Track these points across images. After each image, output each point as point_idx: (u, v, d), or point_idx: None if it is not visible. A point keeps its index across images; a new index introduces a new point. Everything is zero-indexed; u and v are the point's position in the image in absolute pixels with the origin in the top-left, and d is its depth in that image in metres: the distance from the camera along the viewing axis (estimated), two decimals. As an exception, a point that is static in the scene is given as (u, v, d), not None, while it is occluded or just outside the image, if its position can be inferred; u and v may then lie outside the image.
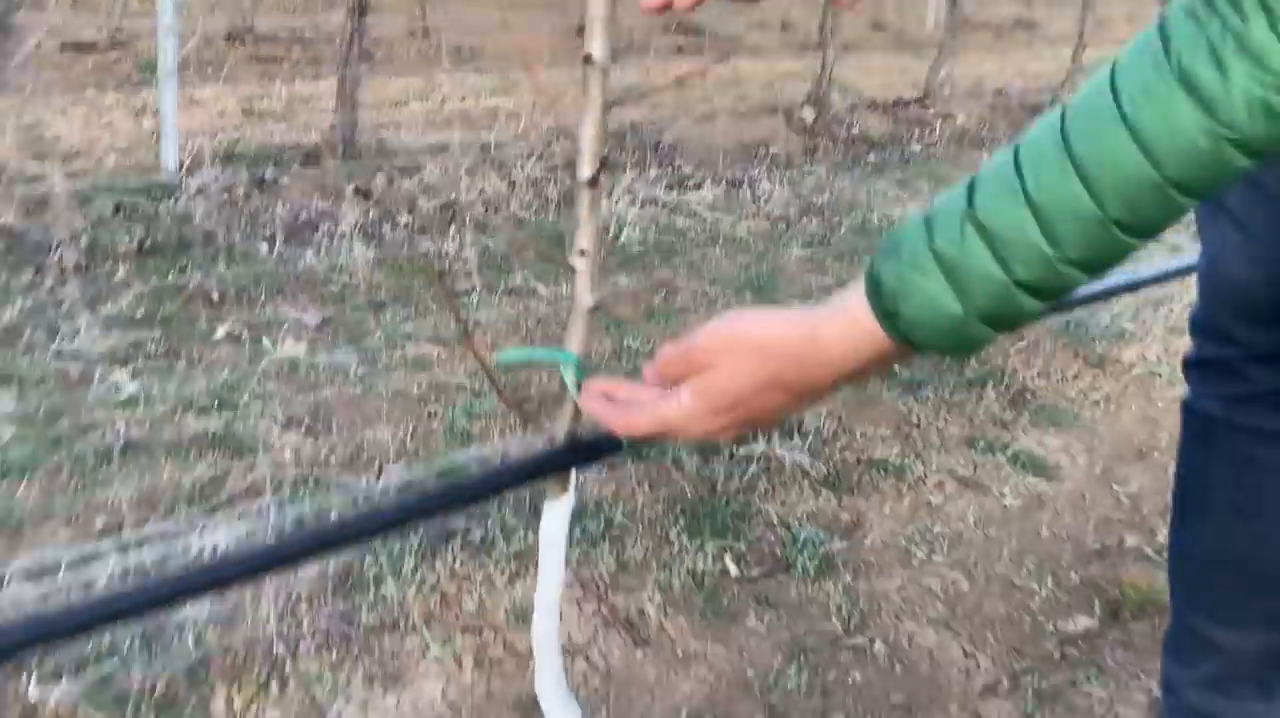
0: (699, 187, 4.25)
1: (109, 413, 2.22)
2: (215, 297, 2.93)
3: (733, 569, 1.91)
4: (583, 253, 1.01)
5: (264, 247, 3.31)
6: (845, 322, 0.73)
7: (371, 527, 1.09)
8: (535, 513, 1.91)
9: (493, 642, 1.68)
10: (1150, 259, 1.61)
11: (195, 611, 1.66)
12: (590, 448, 1.05)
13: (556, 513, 1.07)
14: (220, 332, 2.71)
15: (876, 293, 0.70)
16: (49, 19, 4.80)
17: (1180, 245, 2.63)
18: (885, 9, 9.75)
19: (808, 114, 5.20)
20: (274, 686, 1.56)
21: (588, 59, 0.95)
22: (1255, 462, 1.17)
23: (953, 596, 1.90)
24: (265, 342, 2.66)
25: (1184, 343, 1.27)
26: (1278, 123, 0.61)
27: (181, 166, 3.58)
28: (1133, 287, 1.65)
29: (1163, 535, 2.03)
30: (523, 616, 1.73)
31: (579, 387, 0.99)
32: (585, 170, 0.98)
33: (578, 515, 1.96)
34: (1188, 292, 1.60)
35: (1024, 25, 10.34)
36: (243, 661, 1.59)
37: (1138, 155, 0.63)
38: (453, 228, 3.57)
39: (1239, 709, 1.23)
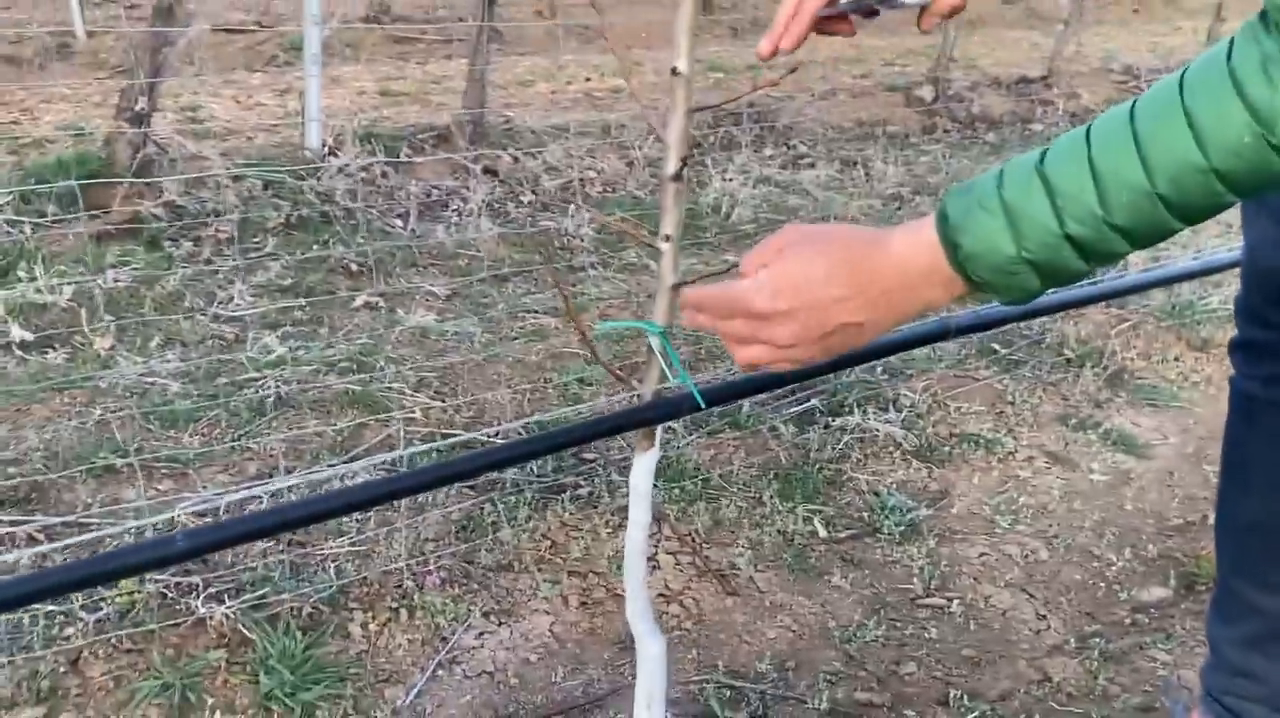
0: (813, 165, 4.35)
1: (260, 372, 2.46)
2: (354, 268, 3.17)
3: (821, 531, 2.04)
4: (667, 238, 1.17)
5: (398, 223, 3.54)
6: (913, 233, 0.82)
7: (482, 464, 1.27)
8: (639, 473, 2.08)
9: (596, 585, 1.86)
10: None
11: (335, 546, 1.88)
12: (672, 407, 1.21)
13: (643, 464, 1.24)
14: (359, 301, 2.94)
15: (943, 222, 0.80)
16: (206, 6, 5.13)
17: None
18: (1016, -17, 9.59)
19: (926, 92, 5.22)
20: (403, 614, 1.76)
21: (674, 71, 1.09)
22: (1293, 439, 1.26)
23: (1031, 562, 2.00)
24: (399, 311, 2.88)
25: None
26: None
27: (324, 146, 3.83)
28: (1209, 270, 1.72)
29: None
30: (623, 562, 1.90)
31: (663, 352, 1.15)
32: (670, 167, 1.14)
33: (678, 475, 2.13)
34: None
35: (1163, -2, 10.06)
36: (377, 591, 1.80)
37: (1190, 141, 0.72)
38: (572, 206, 3.75)
39: (1274, 668, 1.32)
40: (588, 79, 6.00)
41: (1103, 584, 1.95)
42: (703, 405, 1.18)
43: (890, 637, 1.78)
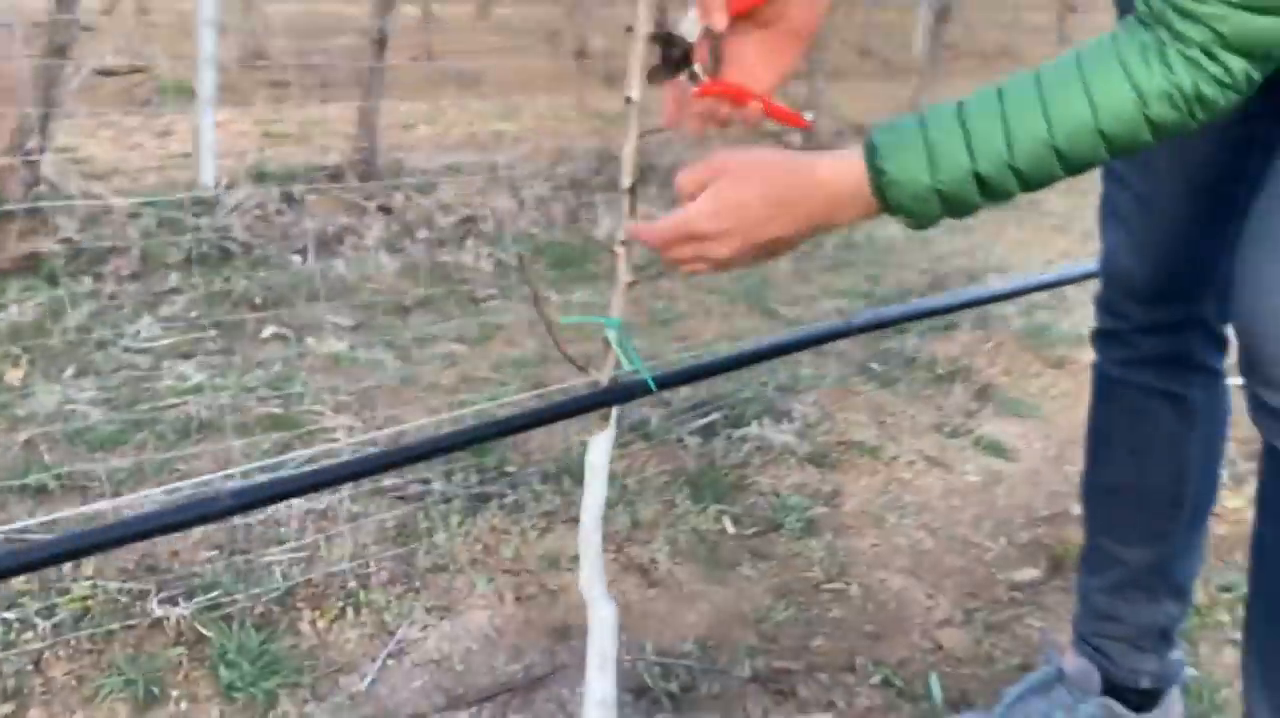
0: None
1: (180, 398, 2.53)
2: (259, 301, 3.24)
3: (730, 528, 2.22)
4: (623, 243, 1.33)
5: (297, 258, 3.63)
6: (840, 160, 1.00)
7: (446, 445, 1.41)
8: (558, 481, 2.24)
9: (529, 581, 1.99)
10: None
11: (279, 554, 1.97)
12: (626, 390, 1.37)
13: (600, 442, 1.39)
14: (267, 331, 3.02)
15: (871, 151, 0.99)
16: (92, 48, 5.13)
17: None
18: (873, 36, 10.15)
19: (796, 138, 5.54)
20: (350, 612, 1.87)
21: (628, 100, 1.27)
22: (1142, 413, 1.49)
23: (918, 551, 2.22)
24: (309, 340, 2.97)
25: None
26: (1177, 114, 0.93)
27: (218, 185, 3.88)
28: (1062, 283, 1.98)
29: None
30: (553, 561, 2.04)
31: (620, 343, 1.31)
32: (625, 181, 1.30)
33: (596, 483, 2.27)
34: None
35: (1007, 52, 10.73)
36: (323, 592, 1.90)
37: (1084, 103, 0.94)
38: (468, 241, 3.89)
39: (1133, 610, 1.55)
40: (470, 123, 6.15)
41: (982, 568, 2.18)
42: (654, 389, 1.35)
43: (799, 617, 1.97)
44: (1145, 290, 1.43)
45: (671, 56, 1.16)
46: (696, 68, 1.16)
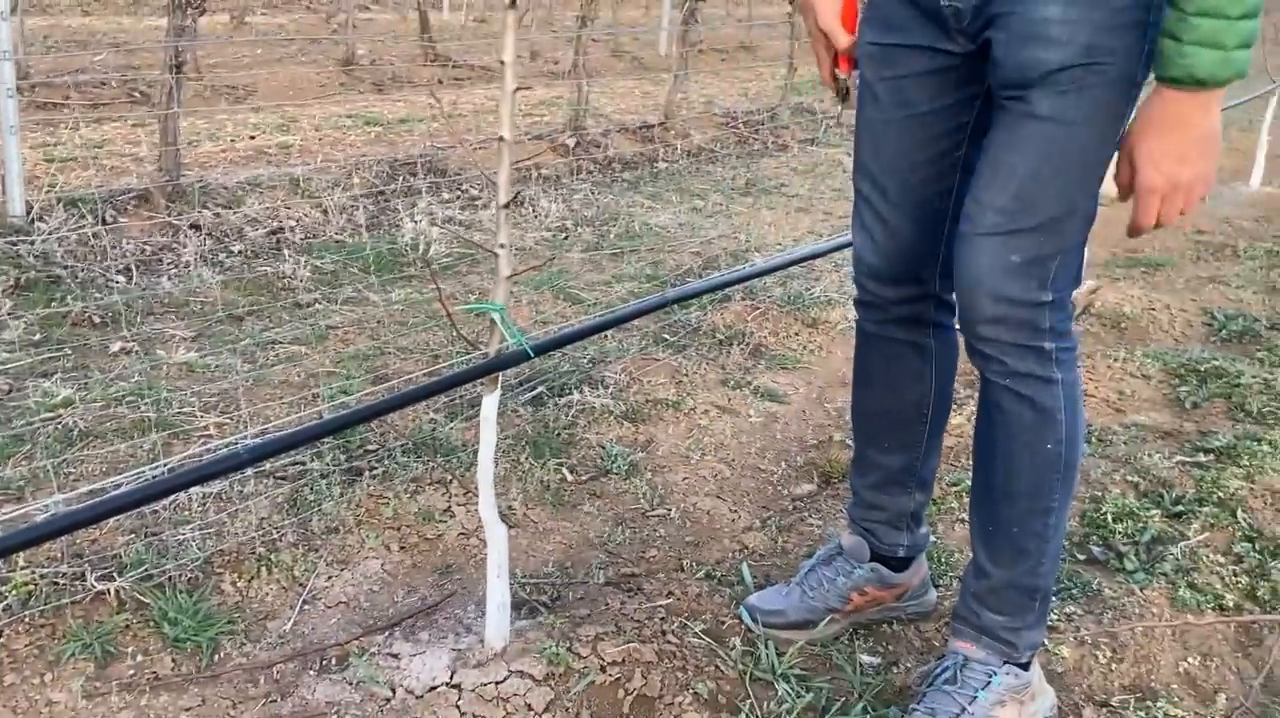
0: (486, 206, 4.98)
1: (53, 412, 2.75)
2: (97, 320, 3.44)
3: (569, 477, 2.67)
4: (503, 245, 1.75)
5: (122, 278, 3.82)
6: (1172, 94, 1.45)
7: (366, 415, 1.79)
8: (418, 453, 2.63)
9: (409, 534, 2.38)
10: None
11: (189, 532, 2.27)
12: (509, 360, 1.80)
13: (490, 400, 1.82)
14: (115, 347, 3.24)
15: (1180, 80, 1.42)
16: None
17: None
18: (622, 37, 10.74)
19: (569, 139, 6.01)
20: (264, 571, 2.20)
21: (501, 139, 1.69)
22: (893, 357, 2.01)
23: (720, 479, 2.73)
24: (159, 351, 3.21)
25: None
26: None
27: (30, 213, 4.00)
28: (813, 256, 2.52)
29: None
30: (427, 516, 2.43)
31: (504, 322, 1.73)
32: (502, 199, 1.72)
33: (450, 451, 2.67)
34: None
35: (745, 48, 11.57)
36: (237, 558, 2.22)
37: None
38: (284, 251, 4.16)
39: (892, 501, 2.08)
40: (252, 137, 6.30)
41: (770, 487, 2.71)
42: (531, 355, 1.78)
43: (634, 537, 2.44)
44: (887, 277, 1.93)
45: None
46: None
